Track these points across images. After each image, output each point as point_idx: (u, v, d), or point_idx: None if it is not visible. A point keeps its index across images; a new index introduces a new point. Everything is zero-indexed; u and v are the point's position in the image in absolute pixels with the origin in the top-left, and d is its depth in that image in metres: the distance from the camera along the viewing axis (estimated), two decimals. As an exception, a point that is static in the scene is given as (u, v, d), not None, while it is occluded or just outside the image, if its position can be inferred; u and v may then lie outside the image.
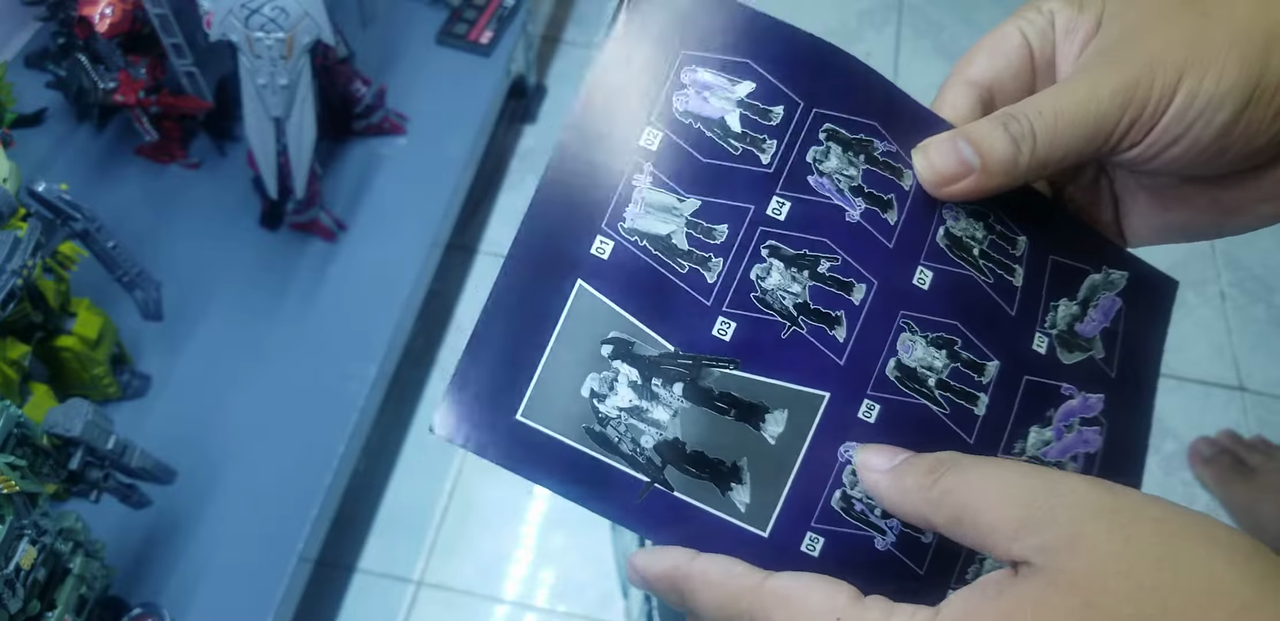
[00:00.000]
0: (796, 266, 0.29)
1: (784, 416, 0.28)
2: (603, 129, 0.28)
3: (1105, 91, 0.28)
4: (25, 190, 0.64)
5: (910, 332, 0.30)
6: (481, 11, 1.14)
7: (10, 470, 0.50)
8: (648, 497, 0.27)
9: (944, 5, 1.65)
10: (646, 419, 0.27)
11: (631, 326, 0.28)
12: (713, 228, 0.29)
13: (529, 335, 0.27)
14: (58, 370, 0.73)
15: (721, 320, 0.28)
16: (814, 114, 0.30)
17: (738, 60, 0.30)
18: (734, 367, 0.28)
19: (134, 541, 0.74)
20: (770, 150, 0.29)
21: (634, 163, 0.28)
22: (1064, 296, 0.33)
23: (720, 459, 0.27)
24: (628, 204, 0.28)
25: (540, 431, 0.26)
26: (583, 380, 0.27)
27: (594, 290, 0.28)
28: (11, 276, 0.59)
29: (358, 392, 0.85)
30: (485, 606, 1.06)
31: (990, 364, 0.31)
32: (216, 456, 0.79)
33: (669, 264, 0.28)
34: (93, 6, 0.78)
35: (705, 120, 0.29)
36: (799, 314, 0.29)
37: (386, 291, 0.91)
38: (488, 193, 1.36)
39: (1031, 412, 0.31)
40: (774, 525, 0.27)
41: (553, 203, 0.28)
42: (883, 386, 0.29)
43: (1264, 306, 1.33)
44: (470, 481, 1.13)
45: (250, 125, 0.78)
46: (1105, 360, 0.32)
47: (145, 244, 0.88)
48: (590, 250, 0.28)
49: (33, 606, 0.53)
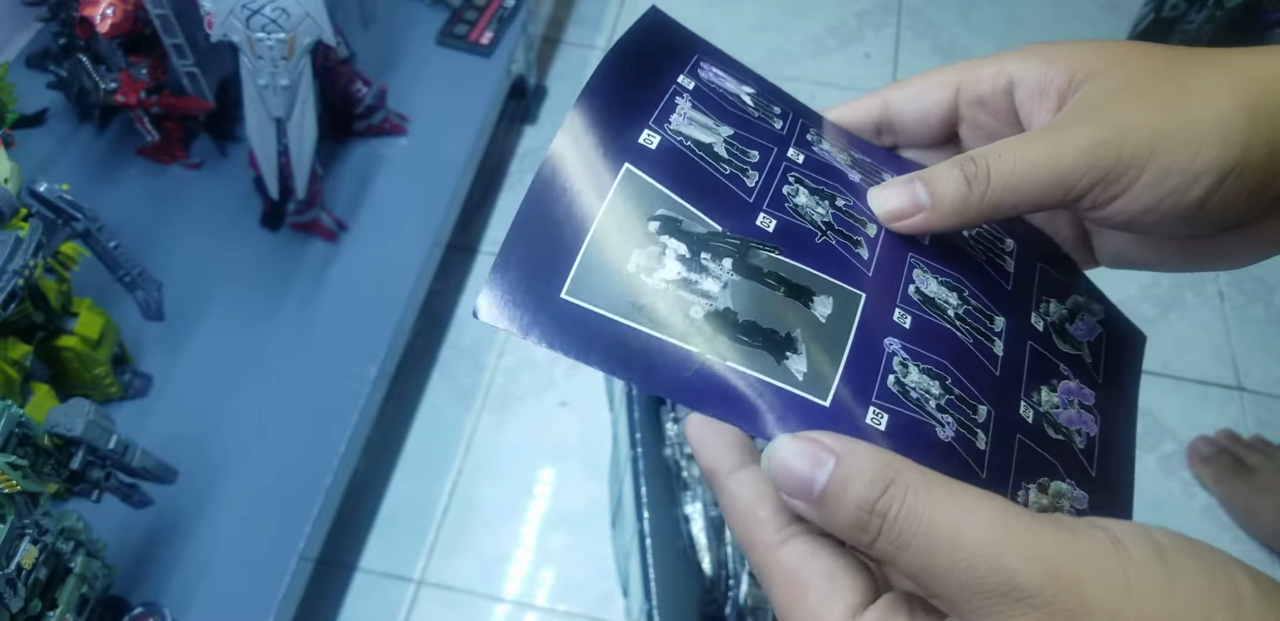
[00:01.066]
0: (819, 195, 0.31)
1: (830, 301, 0.28)
2: (640, 66, 0.31)
3: (1070, 149, 0.28)
4: (27, 190, 0.64)
5: (921, 270, 0.31)
6: (482, 12, 1.14)
7: (12, 470, 0.50)
8: (700, 369, 0.26)
9: (943, 6, 1.65)
10: (696, 290, 0.27)
11: (679, 206, 0.28)
12: (747, 150, 0.31)
13: (573, 213, 0.27)
14: (59, 370, 0.73)
15: (763, 215, 0.29)
16: (800, 122, 0.33)
17: (740, 74, 0.33)
18: (779, 253, 0.29)
19: (135, 541, 0.74)
20: (780, 123, 0.33)
21: (675, 89, 0.31)
22: (1054, 298, 0.34)
23: (773, 328, 0.27)
24: (672, 112, 0.30)
25: (585, 308, 0.26)
26: (629, 256, 0.27)
27: (641, 172, 0.28)
28: (13, 276, 0.59)
29: (358, 392, 0.85)
30: (485, 605, 1.06)
31: (998, 318, 0.31)
32: (217, 456, 0.79)
33: (712, 164, 0.30)
34: (94, 7, 0.78)
35: (726, 90, 0.32)
36: (827, 228, 0.30)
37: (386, 291, 0.92)
38: (488, 193, 1.37)
39: (1039, 374, 0.31)
40: (834, 395, 0.27)
41: (596, 102, 0.29)
42: (909, 303, 0.30)
43: (1262, 306, 1.33)
44: (470, 481, 1.14)
45: (251, 126, 0.78)
46: (1093, 366, 0.33)
47: (146, 244, 0.89)
48: (638, 139, 0.29)
49: (34, 606, 0.53)
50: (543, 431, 1.17)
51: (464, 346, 1.23)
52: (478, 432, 1.17)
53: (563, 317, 0.26)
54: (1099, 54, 0.30)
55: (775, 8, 1.63)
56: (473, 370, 1.21)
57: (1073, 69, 0.30)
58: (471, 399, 1.19)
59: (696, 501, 0.91)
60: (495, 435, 1.17)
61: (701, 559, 0.88)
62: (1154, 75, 0.28)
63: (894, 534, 0.23)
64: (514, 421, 1.18)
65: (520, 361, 1.22)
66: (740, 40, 1.58)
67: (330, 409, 0.84)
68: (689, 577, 0.88)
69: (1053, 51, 0.31)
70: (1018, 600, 0.21)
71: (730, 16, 1.61)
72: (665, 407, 0.96)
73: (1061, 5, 1.65)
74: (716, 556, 0.88)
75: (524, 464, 1.15)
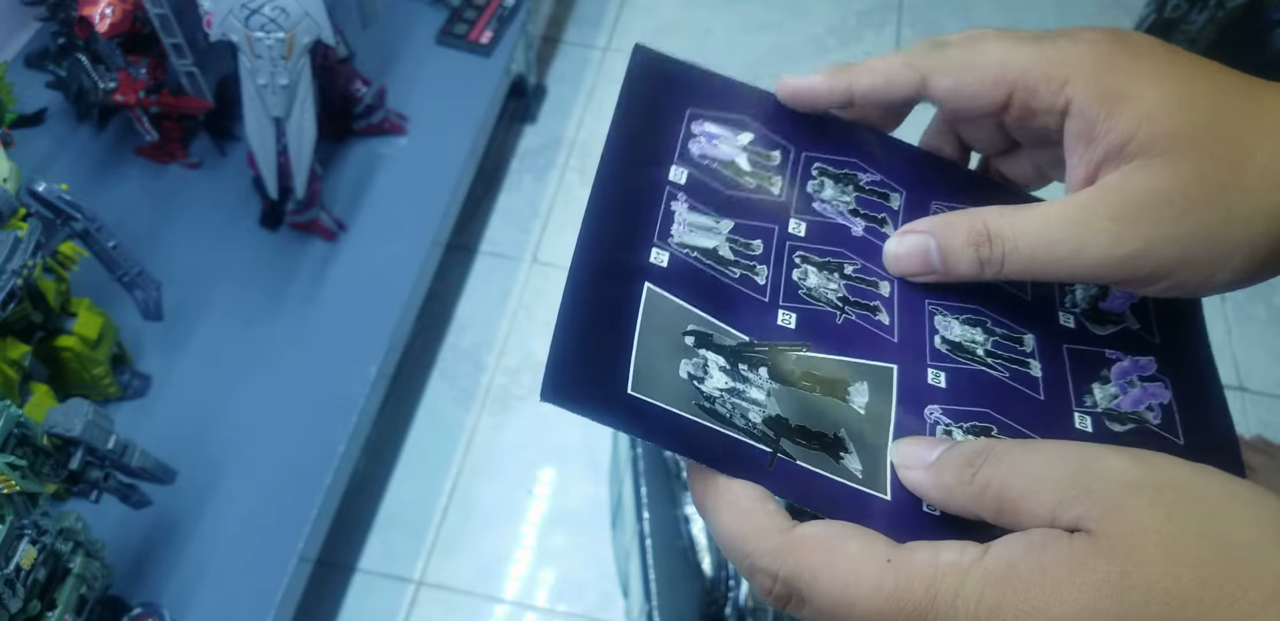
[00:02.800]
0: (827, 269, 0.32)
1: (865, 387, 0.29)
2: (634, 164, 0.32)
3: (1093, 256, 0.28)
4: (26, 190, 0.64)
5: (942, 315, 0.32)
6: (481, 11, 1.14)
7: (10, 470, 0.50)
8: (779, 465, 0.27)
9: (943, 5, 1.65)
10: (746, 398, 0.28)
11: (705, 320, 0.29)
12: (750, 241, 0.32)
13: (613, 328, 0.28)
14: (58, 370, 0.73)
15: (782, 312, 0.31)
16: (804, 156, 0.34)
17: (734, 117, 0.34)
18: (806, 350, 0.30)
19: (134, 541, 0.74)
20: (778, 184, 0.33)
21: (668, 193, 0.32)
22: (1076, 284, 0.34)
23: (822, 431, 0.28)
24: (672, 223, 0.31)
25: (655, 405, 0.27)
26: (678, 365, 0.28)
27: (662, 292, 0.29)
28: (12, 276, 0.59)
29: (358, 393, 0.85)
30: (485, 606, 1.06)
31: (1026, 336, 0.32)
32: (216, 456, 0.79)
33: (721, 271, 0.31)
34: (93, 6, 0.78)
35: (720, 162, 0.33)
36: (844, 304, 0.31)
37: (386, 291, 0.91)
38: (488, 193, 1.36)
39: (1085, 374, 0.32)
40: (892, 487, 0.28)
41: (603, 222, 0.30)
42: (939, 357, 0.31)
43: (1264, 306, 1.33)
44: (470, 481, 1.13)
45: (250, 125, 0.78)
46: (1143, 330, 0.33)
47: (145, 244, 0.88)
48: (649, 259, 0.30)
49: (33, 606, 0.53)
50: (543, 431, 1.17)
51: (464, 347, 1.23)
52: (477, 433, 1.17)
53: (633, 410, 0.26)
54: (1160, 117, 0.28)
55: (775, 8, 1.63)
56: (472, 370, 1.21)
57: (1129, 133, 0.28)
58: (471, 399, 1.19)
59: (697, 501, 0.90)
60: (495, 435, 1.17)
61: (701, 559, 0.88)
62: (1202, 177, 0.27)
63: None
64: (514, 421, 1.18)
65: (520, 362, 1.22)
66: (740, 40, 1.58)
67: (330, 409, 0.84)
68: (689, 577, 0.88)
69: (1116, 86, 0.28)
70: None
71: (730, 16, 1.61)
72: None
73: (1062, 5, 1.65)
74: (716, 556, 0.88)
75: (524, 464, 1.15)
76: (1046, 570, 0.22)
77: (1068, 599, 0.22)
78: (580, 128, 1.45)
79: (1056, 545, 0.22)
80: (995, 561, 0.23)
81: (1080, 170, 0.29)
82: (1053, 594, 0.22)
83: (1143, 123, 0.28)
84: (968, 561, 0.23)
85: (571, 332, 0.27)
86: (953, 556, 0.24)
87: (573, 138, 1.43)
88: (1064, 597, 0.22)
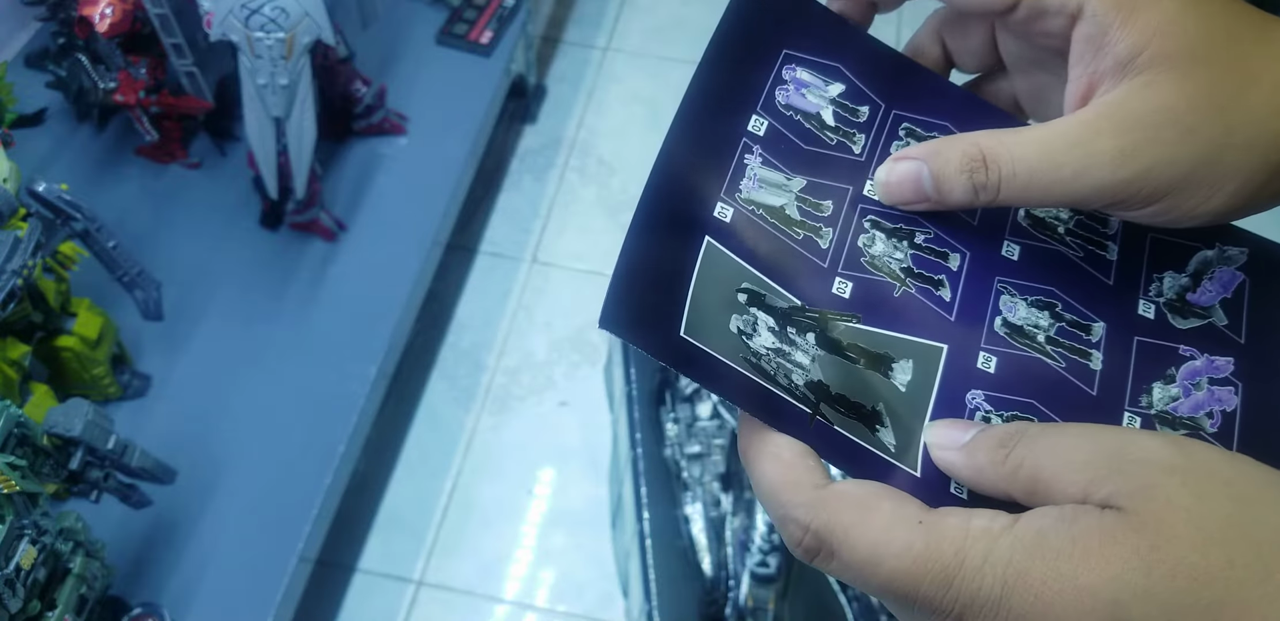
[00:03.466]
0: (896, 237, 0.31)
1: (910, 365, 0.29)
2: (715, 112, 0.31)
3: (1096, 178, 0.27)
4: (25, 190, 0.64)
5: (1009, 295, 0.31)
6: (481, 11, 1.14)
7: (10, 470, 0.50)
8: (818, 426, 0.27)
9: (944, 5, 1.65)
10: (791, 360, 0.28)
11: (760, 280, 0.29)
12: (819, 202, 0.31)
13: (671, 275, 0.28)
14: (58, 370, 0.73)
15: (839, 280, 0.30)
16: (893, 114, 0.33)
17: (830, 64, 0.33)
18: (856, 321, 0.29)
19: (134, 541, 0.74)
20: (860, 142, 0.32)
21: (744, 144, 0.31)
22: (1169, 269, 0.33)
23: (861, 401, 0.28)
24: (742, 178, 0.30)
25: (706, 351, 0.27)
26: (729, 319, 0.28)
27: (722, 247, 0.29)
28: (12, 276, 0.59)
29: (358, 393, 0.85)
30: (485, 606, 1.06)
31: (1096, 324, 0.31)
32: (217, 456, 0.79)
33: (785, 232, 0.30)
34: (93, 6, 0.78)
35: (804, 113, 0.32)
36: (906, 276, 0.31)
37: (386, 291, 0.92)
38: (488, 193, 1.36)
39: (1150, 371, 0.31)
40: (922, 465, 0.28)
41: (674, 169, 0.29)
42: (994, 340, 0.30)
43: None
44: (470, 481, 1.13)
45: (250, 125, 0.78)
46: (1230, 327, 0.32)
47: (145, 244, 0.88)
48: (714, 213, 0.29)
49: (33, 606, 0.53)
50: (543, 431, 1.17)
51: (464, 347, 1.23)
52: (477, 433, 1.17)
53: (685, 351, 0.27)
54: (1173, 31, 0.27)
55: (775, 7, 1.63)
56: (472, 370, 1.21)
57: (1141, 44, 0.27)
58: (471, 399, 1.19)
59: (696, 502, 0.91)
60: (495, 435, 1.17)
61: (701, 559, 0.88)
62: (1208, 96, 0.27)
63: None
64: (514, 421, 1.18)
65: (520, 361, 1.22)
66: (740, 40, 1.58)
67: (330, 409, 0.84)
68: (689, 578, 0.88)
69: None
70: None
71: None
72: (665, 408, 0.96)
73: None
74: (716, 557, 0.88)
75: (524, 464, 1.15)
76: (1077, 540, 0.22)
77: (1096, 568, 0.22)
78: (580, 128, 1.45)
79: (1087, 518, 0.23)
80: (1026, 529, 0.23)
81: (1082, 81, 0.29)
82: (1081, 562, 0.22)
83: (1155, 36, 0.27)
84: (998, 528, 0.23)
85: (632, 270, 0.27)
86: (984, 522, 0.24)
87: (573, 138, 1.43)
88: (1092, 566, 0.22)
